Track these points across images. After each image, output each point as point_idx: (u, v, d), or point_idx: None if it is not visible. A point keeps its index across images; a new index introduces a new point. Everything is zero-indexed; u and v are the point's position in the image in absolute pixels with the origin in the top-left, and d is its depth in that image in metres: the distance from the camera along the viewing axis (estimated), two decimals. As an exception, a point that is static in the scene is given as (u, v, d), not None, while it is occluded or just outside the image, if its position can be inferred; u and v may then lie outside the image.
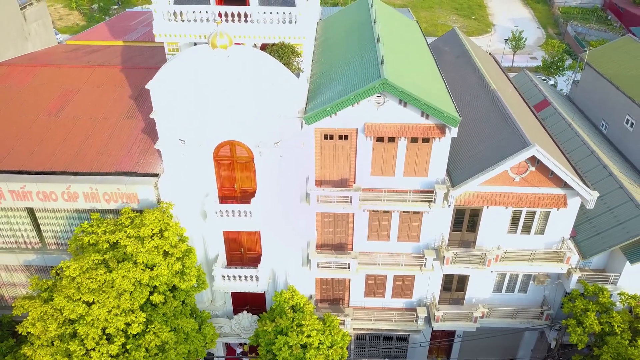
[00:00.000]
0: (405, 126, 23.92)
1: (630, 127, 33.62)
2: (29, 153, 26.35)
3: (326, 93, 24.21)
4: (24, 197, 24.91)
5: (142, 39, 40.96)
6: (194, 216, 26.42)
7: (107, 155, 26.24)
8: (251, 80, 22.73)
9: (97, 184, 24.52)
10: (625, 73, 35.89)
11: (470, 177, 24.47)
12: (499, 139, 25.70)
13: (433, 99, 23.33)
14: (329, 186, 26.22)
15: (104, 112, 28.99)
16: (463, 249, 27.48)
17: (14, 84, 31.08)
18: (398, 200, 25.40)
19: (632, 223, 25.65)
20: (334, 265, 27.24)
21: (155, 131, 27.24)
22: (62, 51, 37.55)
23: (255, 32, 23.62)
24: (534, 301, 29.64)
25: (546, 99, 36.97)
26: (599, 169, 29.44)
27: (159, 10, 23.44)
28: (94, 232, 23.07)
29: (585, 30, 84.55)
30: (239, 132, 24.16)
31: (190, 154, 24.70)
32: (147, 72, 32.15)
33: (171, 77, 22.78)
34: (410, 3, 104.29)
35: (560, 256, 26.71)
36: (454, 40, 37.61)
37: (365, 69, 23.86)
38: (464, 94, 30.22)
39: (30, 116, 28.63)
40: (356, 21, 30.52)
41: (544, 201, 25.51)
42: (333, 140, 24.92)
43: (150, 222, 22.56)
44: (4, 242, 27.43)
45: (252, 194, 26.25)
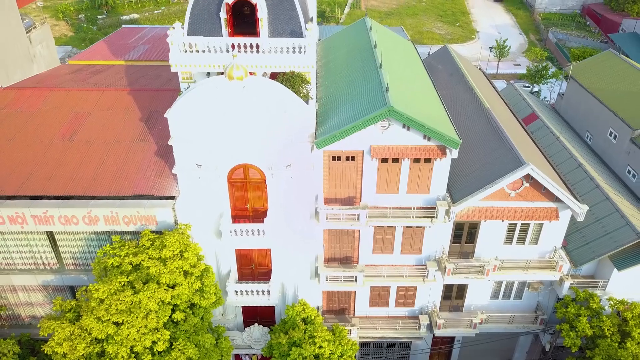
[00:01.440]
0: (409, 148, 25.54)
1: (614, 140, 35.73)
2: (47, 178, 27.36)
3: (334, 118, 25.72)
4: (45, 221, 25.95)
5: (144, 57, 42.04)
6: (207, 234, 27.68)
7: (124, 178, 27.38)
8: (265, 108, 24.15)
9: (118, 207, 25.69)
10: (607, 87, 38.02)
11: (470, 194, 26.17)
12: (495, 157, 27.45)
13: (434, 123, 25.00)
14: (336, 204, 27.74)
15: (116, 136, 30.11)
16: (463, 259, 29.19)
17: (25, 108, 32.01)
18: (402, 216, 27.02)
19: (619, 233, 27.62)
20: (342, 278, 28.76)
21: (167, 154, 28.63)
22: (67, 72, 38.41)
23: (265, 61, 24.99)
24: (529, 306, 31.49)
25: (534, 112, 38.95)
26: (587, 181, 31.42)
27: (175, 42, 24.66)
28: (117, 255, 24.23)
29: (566, 37, 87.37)
30: (252, 156, 25.55)
31: (205, 177, 25.99)
32: (154, 95, 33.51)
33: (189, 107, 24.06)
34: (395, 10, 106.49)
35: (553, 265, 28.58)
36: (446, 57, 39.40)
37: (371, 95, 25.43)
38: (459, 112, 31.94)
39: (45, 141, 29.61)
40: (357, 45, 32.08)
41: (538, 214, 27.33)
42: (340, 161, 26.44)
43: (171, 245, 23.80)
44: (23, 264, 28.38)
45: (264, 212, 27.62)
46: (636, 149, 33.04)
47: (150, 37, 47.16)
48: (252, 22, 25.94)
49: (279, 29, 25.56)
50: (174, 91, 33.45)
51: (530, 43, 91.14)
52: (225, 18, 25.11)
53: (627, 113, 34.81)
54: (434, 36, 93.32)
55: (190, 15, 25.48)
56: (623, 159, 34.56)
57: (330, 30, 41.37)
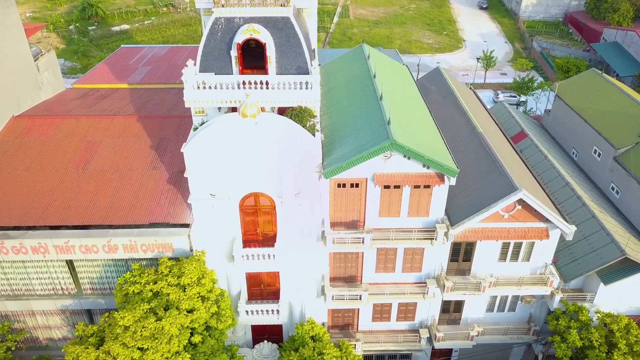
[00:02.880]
0: (410, 175, 27.31)
1: (598, 157, 37.87)
2: (66, 207, 28.64)
3: (339, 149, 27.39)
4: (67, 250, 27.27)
5: (146, 80, 43.34)
6: (219, 258, 29.18)
7: (139, 207, 28.76)
8: (275, 141, 25.74)
9: (136, 236, 27.10)
10: (591, 106, 40.19)
11: (467, 217, 28.02)
12: (489, 182, 29.33)
13: (433, 152, 26.80)
14: (341, 227, 29.40)
15: (129, 164, 31.45)
16: (460, 276, 31.02)
17: (37, 137, 33.20)
18: (404, 238, 28.78)
19: (604, 250, 29.67)
20: (347, 297, 30.42)
21: (179, 181, 30.08)
22: (73, 98, 39.57)
23: (274, 97, 26.52)
24: (522, 318, 33.45)
25: (523, 131, 40.98)
26: (574, 199, 33.46)
27: (189, 80, 26.09)
28: (138, 282, 25.63)
29: (550, 46, 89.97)
30: (263, 185, 27.13)
31: (218, 206, 27.49)
32: (162, 121, 34.90)
33: (204, 143, 25.55)
34: (384, 19, 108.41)
35: (544, 280, 30.53)
36: (438, 79, 41.27)
37: (374, 128, 27.15)
38: (454, 136, 33.80)
39: (60, 170, 30.87)
40: (356, 73, 33.78)
41: (529, 234, 29.27)
42: (345, 188, 28.12)
43: (189, 272, 25.28)
44: (42, 289, 29.62)
45: (273, 236, 29.20)
46: (619, 167, 35.16)
47: (150, 58, 48.41)
48: (260, 55, 27.39)
49: (286, 65, 27.13)
50: (181, 117, 34.94)
51: (515, 52, 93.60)
52: (235, 56, 26.60)
53: (610, 132, 36.95)
54: (422, 45, 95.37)
55: (202, 53, 26.93)
56: (607, 176, 36.70)
57: (327, 54, 42.98)
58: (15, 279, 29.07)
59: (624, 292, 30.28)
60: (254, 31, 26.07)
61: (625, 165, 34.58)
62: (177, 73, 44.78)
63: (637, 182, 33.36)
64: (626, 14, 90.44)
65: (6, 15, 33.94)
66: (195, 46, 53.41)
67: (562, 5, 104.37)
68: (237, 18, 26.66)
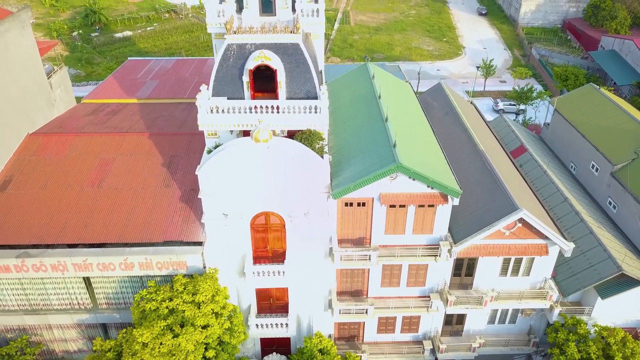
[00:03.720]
0: (415, 195, 28.41)
1: (595, 172, 39.00)
2: (83, 226, 29.67)
3: (347, 170, 28.49)
4: (85, 268, 28.32)
5: (155, 95, 44.39)
6: (230, 273, 30.23)
7: (154, 225, 29.80)
8: (286, 164, 26.81)
9: (151, 255, 28.16)
10: (589, 121, 41.32)
11: (470, 235, 29.14)
12: (491, 200, 30.44)
13: (437, 173, 27.92)
14: (348, 244, 30.49)
15: (142, 182, 32.49)
16: (462, 290, 32.13)
17: (53, 155, 34.23)
18: (409, 255, 29.90)
19: (602, 266, 30.81)
20: (354, 311, 31.52)
21: (191, 199, 31.15)
22: (84, 114, 40.58)
23: (284, 121, 27.58)
24: (522, 330, 34.59)
25: (523, 145, 42.10)
26: (572, 215, 34.58)
27: (202, 105, 27.14)
28: (154, 299, 26.69)
29: (548, 53, 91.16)
30: (274, 205, 28.19)
31: (230, 225, 28.55)
32: (173, 139, 35.95)
33: (217, 167, 26.62)
34: (384, 25, 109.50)
35: (543, 294, 31.65)
36: (440, 95, 42.36)
37: (380, 150, 28.25)
38: (456, 154, 34.89)
39: (76, 188, 31.89)
40: (361, 93, 34.87)
41: (529, 250, 30.39)
42: (352, 207, 29.22)
43: (204, 290, 26.34)
44: (59, 304, 30.66)
45: (282, 253, 30.27)
46: (616, 183, 36.29)
47: (157, 72, 49.45)
48: (270, 77, 28.36)
49: (295, 89, 28.19)
50: (191, 135, 36.01)
51: (514, 59, 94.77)
52: (247, 81, 27.65)
53: (607, 148, 38.07)
54: (422, 52, 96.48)
55: (215, 78, 27.97)
56: (604, 190, 37.84)
57: (331, 70, 44.02)
58: (33, 294, 30.10)
59: (620, 305, 31.43)
60: (266, 58, 27.13)
61: (622, 181, 35.71)
62: (185, 87, 45.89)
63: (633, 198, 34.48)
64: (624, 22, 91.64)
65: (22, 36, 34.95)
66: (202, 59, 54.84)
67: (560, 12, 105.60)
68: (248, 44, 27.71)
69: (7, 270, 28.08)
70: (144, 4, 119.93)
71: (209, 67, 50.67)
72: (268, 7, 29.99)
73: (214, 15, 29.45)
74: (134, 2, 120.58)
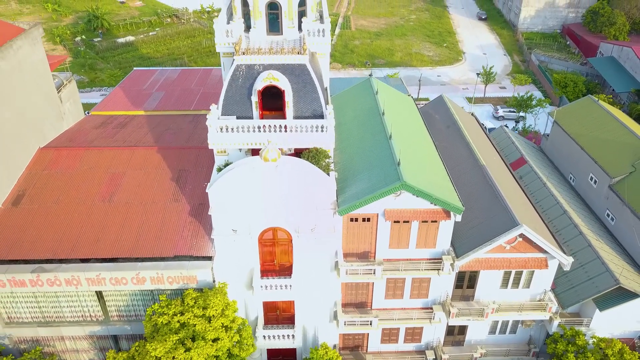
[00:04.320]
0: (418, 211, 29.25)
1: (594, 184, 39.86)
2: (95, 240, 30.47)
3: (353, 187, 29.32)
4: (98, 282, 29.14)
5: (161, 107, 45.18)
6: (238, 286, 31.05)
7: (164, 239, 30.61)
8: (294, 181, 27.64)
9: (162, 269, 28.98)
10: (588, 134, 42.17)
11: (472, 250, 29.99)
12: (492, 215, 31.28)
13: (440, 190, 28.76)
14: (353, 257, 31.33)
15: (152, 196, 33.28)
16: (464, 302, 32.96)
17: (64, 169, 35.01)
18: (413, 269, 30.74)
19: (600, 279, 31.68)
20: (358, 323, 32.34)
21: (200, 214, 31.96)
22: (93, 126, 41.36)
23: (292, 140, 28.42)
24: (522, 340, 35.45)
25: (523, 157, 42.95)
26: (571, 227, 35.44)
27: (212, 125, 27.96)
28: (165, 313, 27.51)
29: (548, 59, 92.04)
30: (281, 220, 29.02)
31: (239, 240, 29.37)
32: (181, 153, 36.76)
33: (227, 185, 27.44)
34: (385, 31, 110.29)
35: (543, 306, 32.50)
36: (442, 108, 43.19)
37: (385, 168, 29.09)
38: (457, 167, 35.73)
39: (87, 202, 32.68)
40: (365, 108, 35.69)
41: (529, 264, 31.24)
42: (358, 222, 30.06)
43: (214, 305, 27.17)
44: (72, 317, 31.47)
45: (289, 267, 31.10)
46: (614, 195, 37.14)
47: (162, 82, 50.20)
48: (277, 94, 29.13)
49: (302, 109, 29.00)
50: (199, 149, 36.79)
51: (514, 65, 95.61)
52: (256, 101, 28.45)
53: (605, 161, 38.93)
54: (422, 58, 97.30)
55: (224, 97, 28.78)
56: (602, 203, 38.70)
57: (335, 83, 44.81)
58: (47, 307, 30.92)
59: (618, 317, 32.32)
60: (274, 79, 27.94)
61: (620, 194, 36.56)
62: (191, 98, 46.70)
63: (631, 211, 35.34)
64: (622, 28, 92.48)
65: (33, 53, 35.74)
66: (206, 69, 55.64)
67: (559, 17, 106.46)
68: (257, 65, 28.52)
69: (22, 284, 28.89)
70: (146, 8, 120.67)
71: (214, 78, 51.49)
72: (275, 26, 30.82)
73: (222, 35, 30.32)
74: (136, 6, 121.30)
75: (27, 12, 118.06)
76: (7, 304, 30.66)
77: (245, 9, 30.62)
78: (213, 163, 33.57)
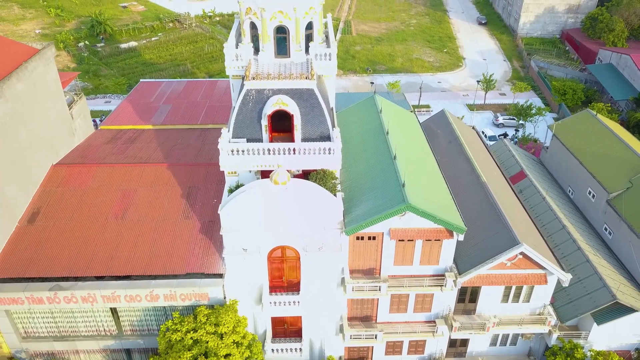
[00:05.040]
0: (422, 230, 30.30)
1: (592, 198, 40.90)
2: (109, 258, 31.48)
3: (359, 207, 30.37)
4: (113, 300, 30.16)
5: (168, 120, 46.19)
6: (247, 301, 32.09)
7: (176, 257, 31.62)
8: (302, 203, 28.67)
9: (175, 287, 30.02)
10: (586, 148, 43.20)
11: (474, 267, 31.07)
12: (493, 233, 32.33)
13: (443, 211, 29.81)
14: (359, 274, 32.37)
15: (163, 214, 34.29)
16: (466, 316, 34.04)
17: (77, 186, 36.00)
18: (417, 285, 31.80)
19: (597, 294, 32.75)
20: (364, 336, 33.40)
21: (210, 231, 32.98)
22: (103, 142, 42.32)
23: (300, 162, 29.39)
24: (522, 351, 36.58)
25: (523, 171, 43.97)
26: (570, 242, 36.50)
27: (224, 148, 28.96)
28: (179, 330, 28.55)
29: (547, 65, 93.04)
30: (290, 240, 30.07)
31: (249, 258, 30.41)
32: (190, 169, 37.76)
33: (239, 207, 28.46)
34: (385, 36, 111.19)
35: (542, 320, 33.59)
36: (443, 122, 44.22)
37: (390, 189, 30.16)
38: (459, 183, 36.76)
39: (101, 220, 33.68)
40: (370, 127, 36.73)
41: (529, 279, 32.31)
42: (364, 241, 31.11)
43: (226, 322, 28.21)
44: (87, 331, 32.51)
45: (297, 283, 32.15)
46: (611, 210, 38.19)
47: (169, 95, 51.17)
48: (286, 116, 30.08)
49: (310, 131, 29.98)
50: (207, 165, 37.82)
51: (514, 71, 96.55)
52: (265, 125, 29.44)
53: (603, 176, 39.96)
54: (423, 64, 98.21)
55: (235, 121, 29.75)
56: (600, 217, 39.75)
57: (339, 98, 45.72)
58: (62, 322, 31.96)
59: (615, 330, 33.40)
60: (283, 104, 28.94)
61: (617, 209, 37.60)
62: (197, 112, 47.68)
63: (627, 226, 36.39)
64: (621, 35, 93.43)
65: (47, 73, 36.71)
66: (211, 80, 56.65)
67: (559, 22, 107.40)
68: (266, 90, 29.51)
69: (40, 301, 29.90)
70: (148, 13, 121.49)
71: (219, 90, 52.46)
72: (283, 49, 31.76)
73: (232, 59, 31.30)
74: (138, 11, 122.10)
75: (30, 16, 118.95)
76: (24, 319, 31.70)
77: (254, 31, 31.56)
78: (222, 179, 34.70)
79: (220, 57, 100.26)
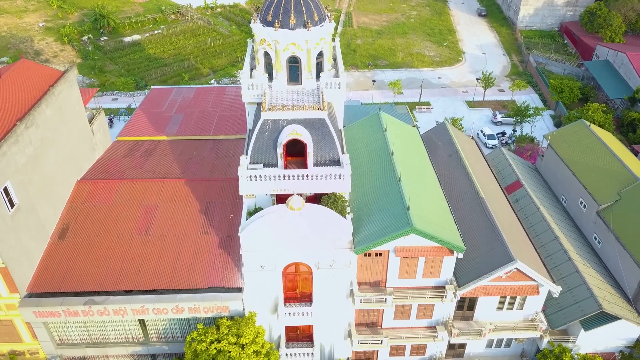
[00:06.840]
0: (425, 248, 33.00)
1: (584, 208, 43.56)
2: (136, 273, 34.14)
3: (367, 228, 33.02)
4: (142, 312, 32.93)
5: (182, 131, 48.34)
6: (263, 311, 34.91)
7: (198, 271, 34.29)
8: (315, 225, 31.26)
9: (199, 301, 32.77)
10: (579, 159, 45.66)
11: (472, 281, 33.89)
12: (490, 248, 35.05)
13: (444, 232, 32.49)
14: (366, 286, 35.18)
15: (183, 229, 36.85)
16: (464, 322, 36.99)
17: (101, 201, 38.45)
18: (419, 297, 34.63)
19: (585, 303, 35.65)
20: (371, 341, 36.38)
21: (229, 246, 35.61)
22: (121, 155, 44.56)
23: (312, 186, 31.92)
24: (516, 352, 39.67)
25: (519, 180, 46.51)
26: (561, 253, 39.27)
27: (243, 175, 31.40)
28: (203, 340, 31.41)
29: (545, 61, 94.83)
30: (303, 257, 32.77)
31: (266, 274, 33.12)
32: (207, 185, 40.17)
33: (257, 230, 31.04)
34: (386, 28, 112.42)
35: (534, 326, 36.56)
36: (444, 135, 46.57)
37: (395, 211, 32.77)
38: (459, 198, 39.35)
39: (126, 236, 36.23)
40: (375, 147, 39.14)
41: (523, 290, 35.15)
42: (371, 257, 33.82)
43: (247, 334, 31.06)
44: (116, 339, 35.39)
45: (309, 294, 34.94)
46: (601, 221, 40.87)
47: (180, 103, 53.14)
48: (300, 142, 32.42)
49: (321, 157, 32.38)
50: (223, 180, 40.25)
51: (513, 65, 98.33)
52: (281, 152, 31.84)
53: (594, 188, 42.53)
54: (423, 59, 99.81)
55: (253, 149, 32.11)
56: (591, 226, 42.46)
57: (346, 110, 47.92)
58: (94, 331, 34.80)
59: (601, 335, 36.43)
60: (297, 134, 31.30)
61: (606, 221, 40.28)
62: (209, 121, 49.75)
63: (615, 238, 39.12)
64: (618, 30, 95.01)
65: (70, 95, 38.81)
66: (220, 87, 58.64)
67: (558, 15, 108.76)
68: (281, 120, 31.84)
69: (75, 314, 32.65)
70: (150, 4, 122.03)
71: (228, 98, 54.37)
72: (295, 77, 33.93)
73: (247, 88, 33.46)
74: (140, 2, 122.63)
75: (33, 8, 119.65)
76: (59, 329, 34.52)
77: (268, 59, 33.68)
78: (237, 194, 37.12)
79: (224, 52, 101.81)
